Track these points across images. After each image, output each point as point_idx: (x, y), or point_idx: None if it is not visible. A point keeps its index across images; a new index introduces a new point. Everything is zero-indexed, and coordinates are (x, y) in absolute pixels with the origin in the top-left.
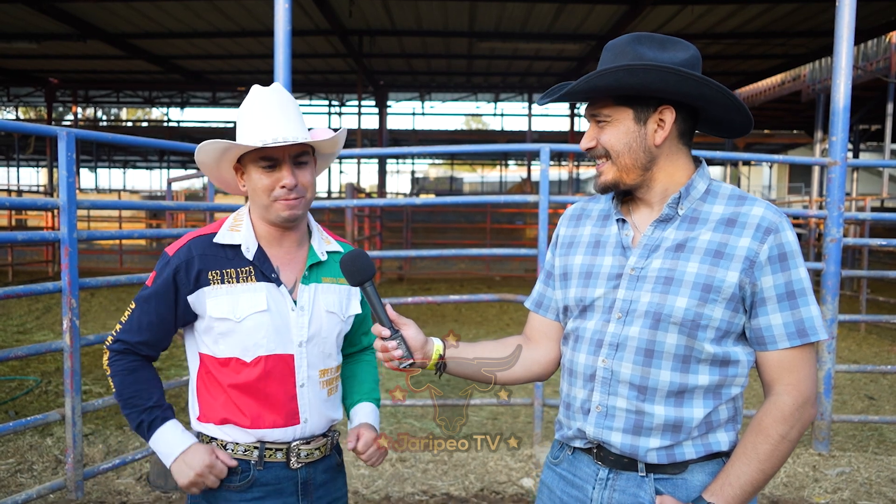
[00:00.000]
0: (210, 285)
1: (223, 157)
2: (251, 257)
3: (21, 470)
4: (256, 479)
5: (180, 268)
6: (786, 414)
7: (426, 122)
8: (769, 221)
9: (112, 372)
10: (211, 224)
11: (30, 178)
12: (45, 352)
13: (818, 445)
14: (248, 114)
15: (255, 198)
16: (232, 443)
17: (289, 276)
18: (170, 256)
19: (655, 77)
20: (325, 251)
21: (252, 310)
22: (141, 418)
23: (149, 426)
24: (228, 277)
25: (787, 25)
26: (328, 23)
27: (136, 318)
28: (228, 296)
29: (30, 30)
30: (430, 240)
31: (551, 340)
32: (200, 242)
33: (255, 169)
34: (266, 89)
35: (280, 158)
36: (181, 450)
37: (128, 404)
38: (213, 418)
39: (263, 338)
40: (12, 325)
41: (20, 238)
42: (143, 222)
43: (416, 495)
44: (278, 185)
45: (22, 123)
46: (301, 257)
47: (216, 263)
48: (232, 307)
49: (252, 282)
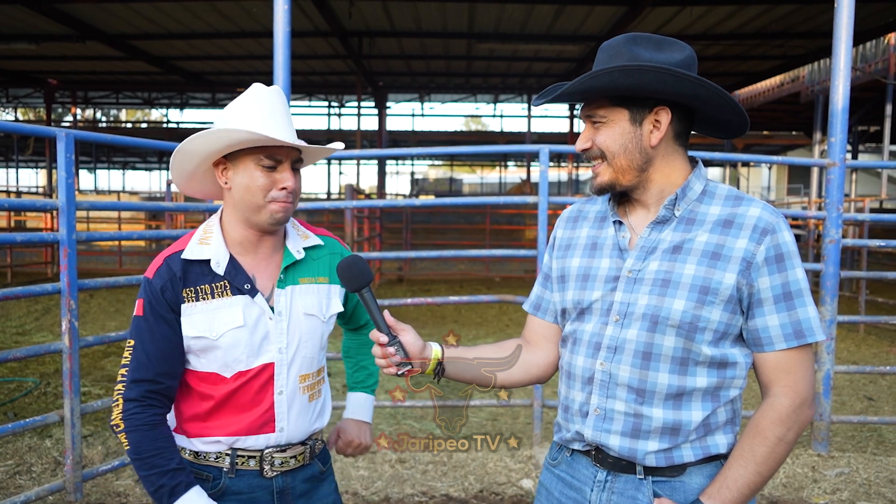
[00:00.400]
0: (185, 303)
1: (225, 147)
2: (222, 272)
3: (20, 471)
4: (227, 487)
5: (165, 287)
6: (783, 416)
7: (425, 124)
8: (766, 222)
9: (128, 427)
10: (180, 239)
11: (29, 180)
12: (44, 353)
13: (817, 446)
14: (254, 108)
15: (245, 197)
16: (204, 452)
17: (265, 282)
18: (151, 279)
19: (651, 78)
20: (302, 248)
21: (228, 326)
22: (162, 482)
23: (171, 492)
24: (203, 294)
25: (786, 26)
26: (327, 24)
27: (141, 351)
28: (203, 314)
29: (29, 31)
30: (429, 241)
31: (550, 343)
32: (175, 260)
33: (254, 167)
34: (272, 89)
35: (283, 160)
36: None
37: (147, 464)
38: (187, 430)
39: (242, 353)
40: (11, 326)
41: (19, 239)
42: (143, 223)
43: (416, 496)
44: (277, 187)
45: (21, 125)
46: (277, 261)
47: (192, 280)
48: (208, 325)
49: (227, 296)
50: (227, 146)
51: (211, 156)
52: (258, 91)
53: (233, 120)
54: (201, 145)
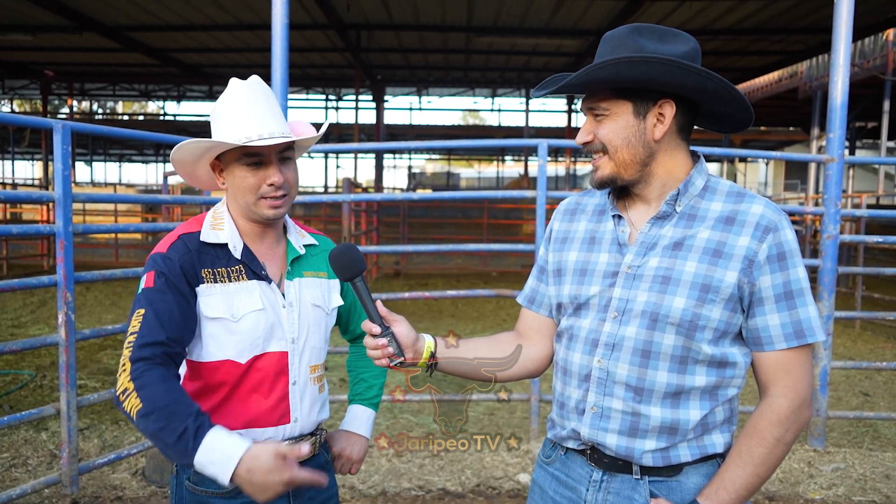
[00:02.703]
0: (204, 283)
1: (203, 155)
2: (239, 256)
3: (16, 464)
4: None
5: (184, 261)
6: (781, 417)
7: (423, 117)
8: (768, 220)
9: (139, 385)
10: (189, 222)
11: (25, 172)
12: (40, 346)
13: (813, 441)
14: (228, 109)
15: (238, 196)
16: None
17: (274, 271)
18: (164, 253)
19: (658, 70)
20: (302, 244)
21: (249, 308)
22: (185, 425)
23: (195, 433)
24: (220, 276)
25: (785, 22)
26: (326, 17)
27: (152, 316)
28: (222, 295)
29: (25, 21)
30: (426, 235)
31: (544, 337)
32: (192, 238)
33: (239, 167)
34: (245, 83)
35: (266, 155)
36: (244, 448)
37: (164, 414)
38: None
39: (260, 337)
40: (7, 318)
41: (15, 231)
42: (139, 216)
43: (413, 490)
44: (265, 183)
45: (17, 116)
46: (281, 252)
47: (208, 262)
48: (227, 306)
49: (244, 280)
50: (205, 153)
51: (198, 161)
52: (233, 89)
53: (214, 122)
54: (184, 155)
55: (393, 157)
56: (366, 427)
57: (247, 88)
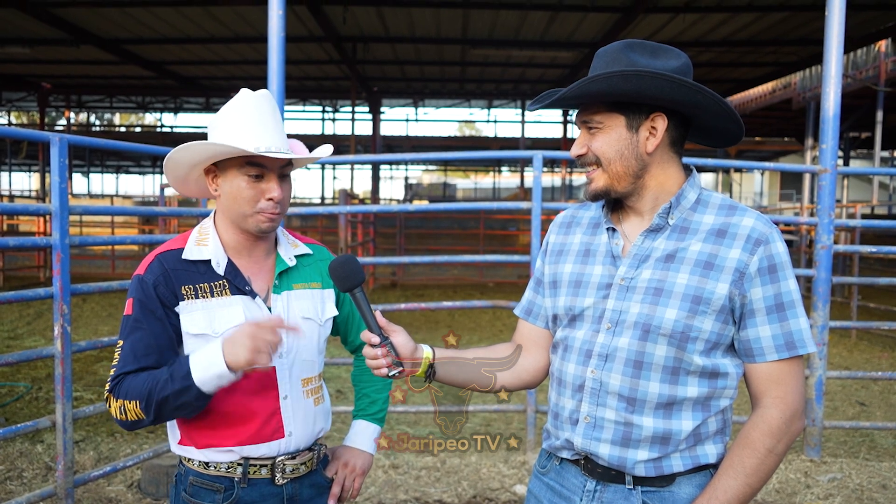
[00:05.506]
0: (185, 300)
1: (207, 159)
2: (222, 272)
3: (11, 477)
4: (240, 497)
5: (158, 282)
6: (773, 428)
7: (419, 129)
8: (759, 232)
9: (123, 394)
10: (174, 239)
11: (22, 184)
12: (36, 358)
13: (810, 451)
14: (238, 116)
15: (233, 206)
16: (214, 462)
17: (260, 285)
18: (142, 275)
19: (650, 83)
20: (293, 256)
21: (230, 324)
22: (169, 373)
23: (178, 368)
24: (202, 292)
25: (777, 34)
26: (322, 29)
27: (131, 348)
28: (204, 311)
29: (23, 35)
30: (423, 246)
31: (541, 348)
32: (169, 257)
33: (239, 176)
34: (257, 94)
35: (269, 169)
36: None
37: (154, 388)
38: (195, 441)
39: None
40: (3, 330)
41: (12, 244)
42: (136, 228)
43: (409, 502)
44: (265, 198)
45: (14, 129)
46: (269, 266)
47: (188, 278)
48: (209, 322)
49: (227, 295)
50: (210, 157)
51: (197, 165)
52: (245, 98)
53: (219, 128)
54: (186, 156)
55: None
56: (368, 442)
57: (260, 100)
